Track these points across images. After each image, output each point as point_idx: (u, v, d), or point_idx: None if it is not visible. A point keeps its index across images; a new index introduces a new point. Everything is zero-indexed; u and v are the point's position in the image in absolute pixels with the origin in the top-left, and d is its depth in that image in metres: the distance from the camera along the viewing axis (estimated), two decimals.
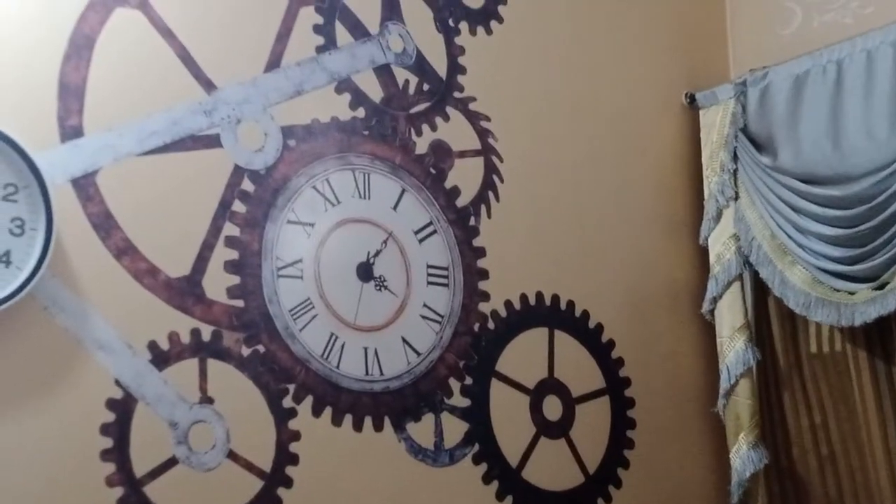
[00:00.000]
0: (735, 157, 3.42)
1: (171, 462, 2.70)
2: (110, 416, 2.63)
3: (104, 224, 2.71)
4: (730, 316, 3.42)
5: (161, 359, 2.73)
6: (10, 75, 2.65)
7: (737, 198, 3.42)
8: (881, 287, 3.01)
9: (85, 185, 2.70)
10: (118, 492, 2.61)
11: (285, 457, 2.85)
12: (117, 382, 2.66)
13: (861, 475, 3.26)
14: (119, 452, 2.63)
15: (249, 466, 2.80)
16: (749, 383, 3.39)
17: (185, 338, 2.77)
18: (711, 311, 3.48)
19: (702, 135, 3.55)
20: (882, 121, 3.04)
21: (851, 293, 3.09)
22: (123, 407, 2.66)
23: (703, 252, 3.54)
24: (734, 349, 3.39)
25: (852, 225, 3.08)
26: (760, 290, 3.44)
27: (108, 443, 2.62)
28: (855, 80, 3.12)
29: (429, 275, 3.16)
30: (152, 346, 2.72)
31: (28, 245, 2.57)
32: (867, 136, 3.07)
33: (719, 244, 3.46)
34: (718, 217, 3.46)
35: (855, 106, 3.12)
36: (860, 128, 3.10)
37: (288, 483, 2.84)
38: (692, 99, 3.58)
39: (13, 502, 2.53)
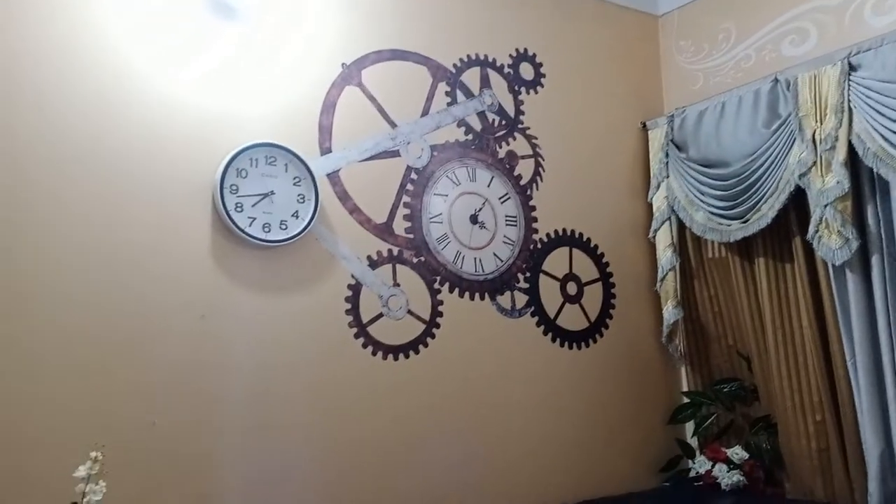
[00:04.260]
0: (667, 154, 3.42)
1: (380, 315, 2.84)
2: (349, 293, 2.79)
3: (343, 196, 2.84)
4: (663, 239, 3.44)
5: (373, 264, 2.86)
6: (297, 124, 2.77)
7: (668, 176, 3.42)
8: (745, 221, 3.06)
9: (333, 177, 2.82)
10: (354, 330, 2.78)
11: (435, 312, 2.98)
12: (352, 276, 2.80)
13: (735, 320, 3.32)
14: (354, 310, 2.80)
15: (418, 318, 2.93)
16: (673, 274, 3.41)
17: (385, 253, 2.89)
18: (653, 237, 3.49)
19: (650, 144, 3.55)
20: (744, 131, 3.07)
21: (729, 225, 3.13)
22: (356, 289, 2.81)
23: (649, 206, 3.53)
24: (666, 256, 3.42)
25: (729, 188, 3.10)
26: (680, 225, 3.41)
27: (348, 306, 2.79)
28: (731, 111, 3.14)
29: (506, 220, 3.20)
30: (369, 258, 2.85)
31: (306, 208, 2.70)
32: (735, 140, 3.10)
33: (658, 201, 3.46)
34: (658, 187, 3.46)
35: (730, 123, 3.14)
36: (732, 135, 3.12)
37: (437, 326, 2.97)
38: (644, 125, 3.59)
39: (302, 336, 2.67)
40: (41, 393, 2.24)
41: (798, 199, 2.93)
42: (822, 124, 2.80)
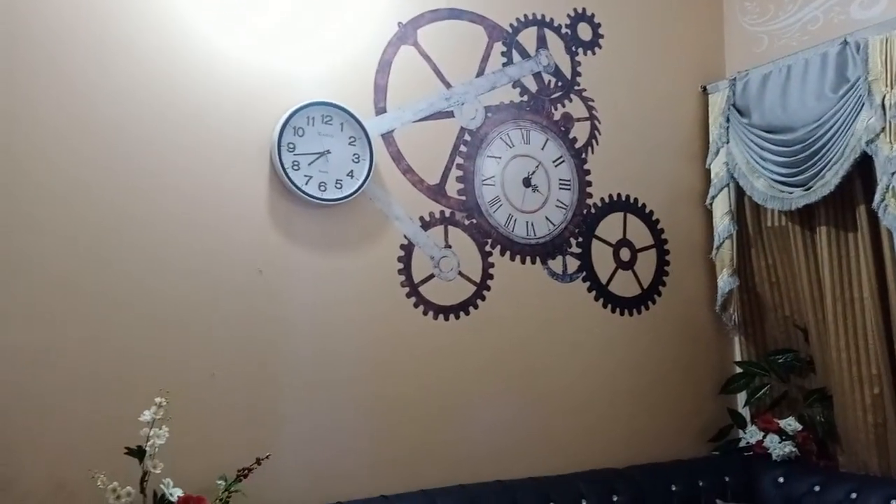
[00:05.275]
0: (728, 119, 3.37)
1: (431, 276, 2.89)
2: (402, 253, 2.84)
3: (397, 157, 2.86)
4: (721, 206, 3.40)
5: (425, 225, 2.90)
6: (352, 84, 2.80)
7: (728, 142, 3.37)
8: (808, 189, 3.01)
9: (388, 137, 2.85)
10: (406, 290, 2.83)
11: (486, 275, 3.01)
12: (405, 237, 2.84)
13: (793, 290, 3.28)
14: (406, 270, 2.84)
15: (469, 279, 2.97)
16: (730, 242, 3.37)
17: (437, 215, 2.92)
18: (711, 204, 3.46)
19: (709, 108, 3.50)
20: (810, 97, 3.01)
21: (791, 192, 3.08)
22: (408, 249, 2.85)
23: (707, 172, 3.49)
24: (723, 223, 3.39)
25: (793, 155, 3.05)
26: (738, 192, 3.37)
27: (400, 266, 2.83)
28: (797, 74, 3.09)
29: (560, 184, 3.20)
30: (421, 219, 2.89)
31: (361, 167, 2.73)
32: (801, 105, 3.04)
33: (716, 167, 3.42)
34: (717, 153, 3.42)
35: (796, 88, 3.08)
36: (798, 100, 3.06)
37: (488, 288, 3.00)
38: (704, 89, 3.54)
39: (356, 294, 2.73)
40: (114, 341, 2.36)
41: (864, 167, 2.87)
42: (892, 89, 2.73)
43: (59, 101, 2.34)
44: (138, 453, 2.16)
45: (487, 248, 3.02)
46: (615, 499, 2.90)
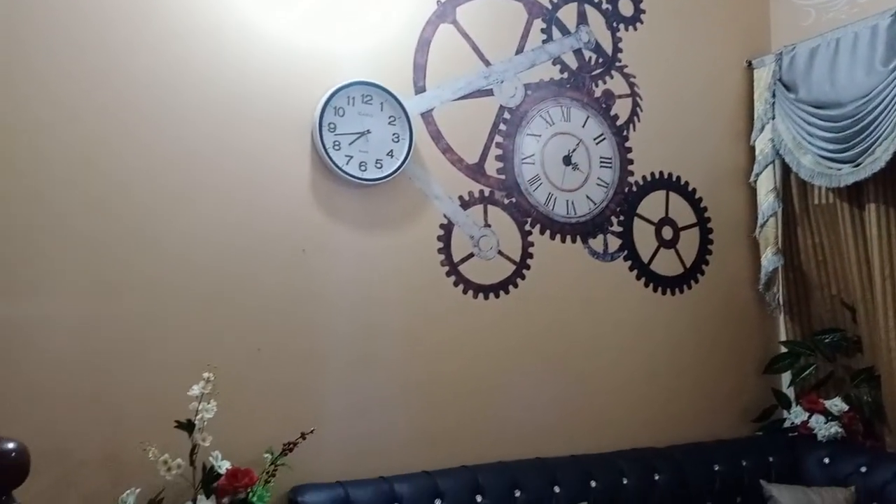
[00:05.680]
0: (773, 95, 3.33)
1: (471, 255, 2.91)
2: (441, 232, 2.87)
3: (436, 135, 2.88)
4: (766, 184, 3.39)
5: (465, 204, 2.91)
6: (392, 63, 2.81)
7: (774, 118, 3.34)
8: (857, 165, 2.98)
9: (427, 116, 2.87)
10: (445, 269, 2.86)
11: (525, 254, 3.01)
12: (444, 216, 2.87)
13: (840, 269, 3.25)
14: (446, 249, 2.87)
15: (508, 258, 2.98)
16: (774, 220, 3.37)
17: (476, 194, 2.93)
18: (755, 181, 3.44)
19: (755, 83, 3.46)
20: (860, 71, 2.97)
21: (839, 169, 3.05)
22: (448, 228, 2.88)
23: (751, 149, 3.45)
24: (767, 201, 3.37)
25: (841, 131, 3.02)
26: (784, 169, 3.36)
27: (440, 245, 2.86)
28: (846, 48, 3.04)
29: (601, 161, 3.19)
30: (461, 198, 2.90)
31: (401, 147, 2.76)
32: (850, 79, 3.00)
33: (761, 144, 3.39)
34: (762, 129, 3.38)
35: (844, 61, 3.04)
36: (847, 74, 3.02)
37: (528, 267, 3.01)
38: (749, 64, 3.50)
39: (396, 273, 2.77)
40: (163, 317, 2.44)
41: None
42: None
43: (107, 80, 2.41)
44: (188, 427, 2.23)
45: (527, 228, 3.03)
46: (656, 478, 2.91)
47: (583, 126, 3.18)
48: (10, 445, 1.30)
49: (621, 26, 3.31)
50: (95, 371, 2.31)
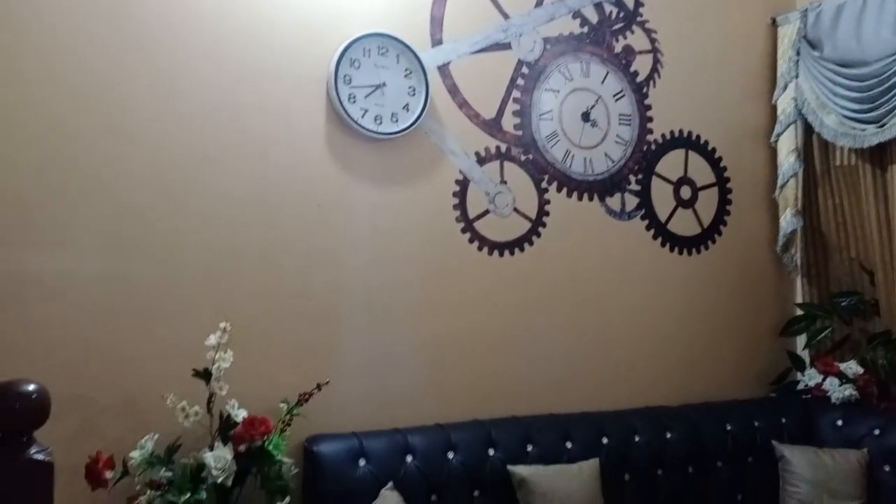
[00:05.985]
0: (798, 53, 3.31)
1: (486, 212, 2.90)
2: (457, 188, 2.86)
3: (453, 89, 2.87)
4: (787, 143, 3.36)
5: (481, 160, 2.90)
6: (408, 15, 2.79)
7: (797, 76, 3.31)
8: (881, 126, 2.96)
9: (444, 69, 2.85)
10: (461, 225, 2.86)
11: (542, 211, 3.01)
12: (460, 171, 2.86)
13: (860, 231, 3.24)
14: (461, 206, 2.87)
15: (524, 216, 2.98)
16: (795, 181, 3.35)
17: (493, 150, 2.92)
18: (776, 141, 3.41)
19: (778, 41, 3.42)
20: (887, 29, 2.94)
21: (863, 129, 3.02)
22: (463, 184, 2.87)
23: (773, 109, 3.42)
24: (788, 162, 3.34)
25: (867, 90, 3.00)
26: (806, 129, 3.32)
27: (455, 201, 2.86)
28: (872, 5, 3.00)
29: (620, 119, 3.16)
30: (477, 153, 2.89)
31: (416, 100, 2.75)
32: (877, 37, 2.97)
33: (783, 103, 3.36)
34: (784, 88, 3.36)
35: (871, 19, 3.00)
36: (873, 33, 2.99)
37: (544, 225, 3.01)
38: (774, 21, 3.46)
39: (411, 228, 2.78)
40: (181, 270, 2.47)
41: None
42: None
43: (122, 37, 2.40)
44: (205, 375, 2.26)
45: (544, 185, 3.02)
46: (668, 436, 2.93)
47: (602, 82, 3.15)
48: (31, 387, 1.34)
49: None
50: (116, 321, 2.35)
